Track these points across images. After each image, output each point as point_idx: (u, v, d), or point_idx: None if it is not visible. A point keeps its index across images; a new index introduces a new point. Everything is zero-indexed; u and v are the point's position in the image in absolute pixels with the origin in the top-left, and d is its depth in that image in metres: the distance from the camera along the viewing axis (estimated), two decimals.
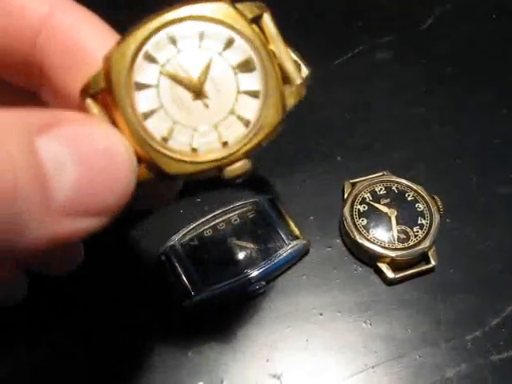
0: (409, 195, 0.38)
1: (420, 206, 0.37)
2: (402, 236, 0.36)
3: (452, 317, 0.35)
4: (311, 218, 0.39)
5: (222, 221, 0.37)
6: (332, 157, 0.42)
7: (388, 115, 0.44)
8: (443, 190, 0.40)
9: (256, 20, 0.20)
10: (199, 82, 0.19)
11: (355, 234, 0.36)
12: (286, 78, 0.20)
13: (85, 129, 0.18)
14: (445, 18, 0.50)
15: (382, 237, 0.36)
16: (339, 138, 0.42)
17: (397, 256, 0.35)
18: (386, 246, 0.36)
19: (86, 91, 0.20)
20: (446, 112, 0.44)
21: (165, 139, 0.19)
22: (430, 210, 0.37)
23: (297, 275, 0.37)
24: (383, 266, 0.36)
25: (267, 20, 0.20)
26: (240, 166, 0.20)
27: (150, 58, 0.19)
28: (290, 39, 0.35)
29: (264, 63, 0.19)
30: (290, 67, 0.20)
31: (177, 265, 0.35)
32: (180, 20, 0.19)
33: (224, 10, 0.19)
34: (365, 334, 0.34)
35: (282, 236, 0.36)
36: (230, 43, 0.19)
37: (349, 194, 0.38)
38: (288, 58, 0.20)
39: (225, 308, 0.35)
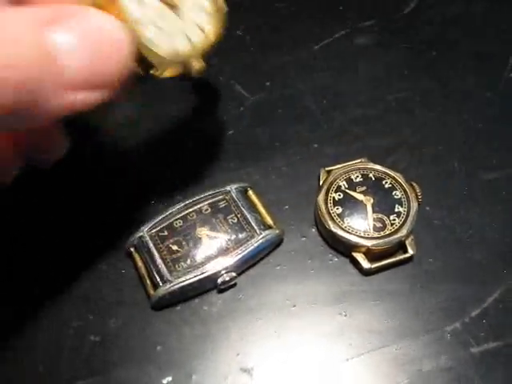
0: (386, 182, 0.36)
1: (397, 193, 0.36)
2: (378, 224, 0.35)
3: (431, 308, 0.34)
4: (286, 206, 0.37)
5: (193, 211, 0.35)
6: (309, 144, 0.40)
7: (369, 101, 0.43)
8: (424, 177, 0.38)
9: None
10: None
11: (329, 223, 0.35)
12: None
13: (90, 16, 0.21)
14: (428, 1, 0.48)
15: (357, 226, 0.35)
16: (317, 125, 0.41)
17: (372, 245, 0.34)
18: (362, 235, 0.34)
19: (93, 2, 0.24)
20: (429, 97, 0.43)
21: (150, 40, 0.26)
22: (407, 197, 0.36)
23: (270, 265, 0.35)
24: (359, 256, 0.34)
25: None
26: (199, 63, 0.28)
27: None
28: (270, 25, 0.34)
29: None
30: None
31: (145, 256, 0.34)
32: None
33: None
34: (340, 326, 0.33)
35: (254, 226, 0.35)
36: None
37: (324, 182, 0.36)
38: None
39: (195, 300, 0.34)
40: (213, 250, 0.34)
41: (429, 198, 0.37)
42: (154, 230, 0.35)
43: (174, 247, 0.34)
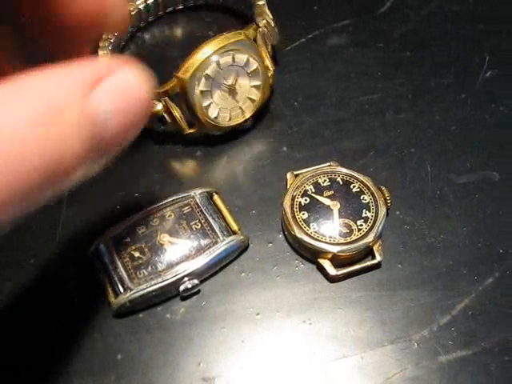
0: (354, 186, 0.35)
1: (365, 197, 0.35)
2: (345, 230, 0.34)
3: (398, 315, 0.33)
4: (253, 211, 0.37)
5: (156, 217, 0.35)
6: (278, 147, 0.39)
7: (341, 102, 0.42)
8: (395, 181, 0.38)
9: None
10: (232, 85, 0.37)
11: (295, 228, 0.34)
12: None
13: (126, 76, 0.22)
14: (404, 0, 0.47)
15: (323, 231, 0.34)
16: (287, 127, 0.40)
17: (339, 251, 0.33)
18: (328, 241, 0.33)
19: (165, 93, 0.36)
20: (403, 98, 0.42)
21: (215, 117, 0.38)
22: (375, 202, 0.35)
23: (235, 272, 0.35)
24: (325, 263, 0.34)
25: (260, 40, 0.39)
26: (250, 122, 0.40)
27: (208, 77, 0.36)
28: (240, 26, 0.39)
29: (262, 70, 0.38)
30: (270, 67, 0.39)
31: (107, 263, 0.33)
32: (223, 51, 0.36)
33: (242, 41, 0.37)
34: (304, 335, 0.33)
35: (217, 232, 0.34)
36: (247, 61, 0.37)
37: (290, 186, 0.36)
38: (269, 61, 0.39)
39: (157, 308, 0.33)
40: (175, 257, 0.33)
41: (399, 202, 0.36)
42: (116, 237, 0.34)
43: (136, 254, 0.33)
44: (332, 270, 0.33)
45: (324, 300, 0.34)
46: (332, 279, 0.34)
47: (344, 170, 0.36)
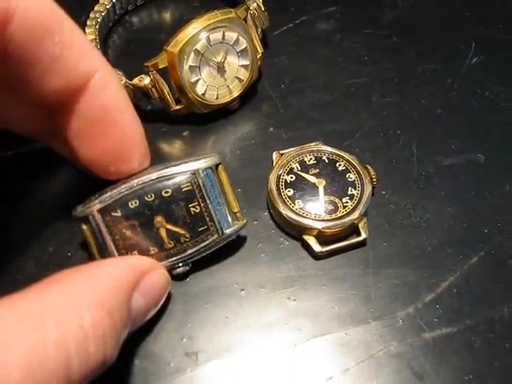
0: (340, 165, 0.35)
1: (351, 176, 0.35)
2: (330, 207, 0.34)
3: (383, 293, 0.33)
4: (239, 190, 0.36)
5: (151, 191, 0.30)
6: (265, 128, 0.39)
7: (327, 86, 0.42)
8: (381, 162, 0.38)
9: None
10: (221, 62, 0.37)
11: (280, 205, 0.34)
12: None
13: (155, 278, 0.28)
14: None
15: (308, 208, 0.34)
16: (274, 109, 0.40)
17: (324, 228, 0.33)
18: (313, 217, 0.33)
19: (153, 67, 0.36)
20: (389, 82, 0.42)
21: (203, 94, 0.38)
22: (361, 180, 0.35)
23: (220, 249, 0.34)
24: (310, 239, 0.33)
25: (250, 21, 0.39)
26: (236, 102, 0.40)
27: (197, 52, 0.36)
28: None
29: (252, 50, 0.38)
30: (259, 49, 0.40)
31: (97, 237, 0.30)
32: (213, 27, 0.36)
33: (233, 19, 0.37)
34: (288, 311, 0.32)
35: (215, 222, 0.31)
36: (237, 40, 0.37)
37: (276, 164, 0.35)
38: (258, 43, 0.40)
39: None
40: (169, 243, 0.31)
41: (385, 182, 0.36)
42: (107, 208, 0.30)
43: (128, 232, 0.30)
44: (317, 247, 0.33)
45: (309, 277, 0.33)
46: (317, 256, 0.33)
47: (330, 149, 0.36)
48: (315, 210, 0.34)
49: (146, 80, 0.37)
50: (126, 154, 0.29)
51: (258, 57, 0.39)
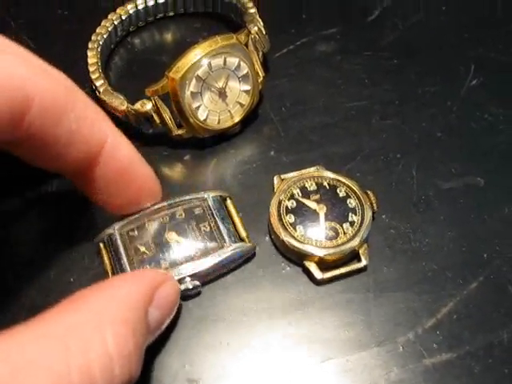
0: (340, 191, 0.36)
1: (352, 201, 0.35)
2: (331, 233, 0.34)
3: (384, 318, 0.33)
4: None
5: (166, 214, 0.34)
6: (266, 151, 0.40)
7: (327, 109, 0.42)
8: (381, 186, 0.38)
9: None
10: (222, 88, 0.37)
11: (281, 231, 0.34)
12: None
13: (167, 290, 0.29)
14: (393, 8, 0.48)
15: (309, 235, 0.34)
16: (274, 132, 0.41)
17: (325, 255, 0.33)
18: (314, 244, 0.34)
19: (155, 92, 0.37)
20: (389, 105, 0.42)
21: (204, 120, 0.38)
22: (362, 206, 0.35)
23: (220, 275, 0.34)
24: (311, 266, 0.34)
25: (251, 46, 0.39)
26: (238, 127, 0.40)
27: (199, 78, 0.36)
28: (231, 32, 0.39)
29: (253, 75, 0.38)
30: (260, 73, 0.40)
31: (113, 254, 0.34)
32: (215, 53, 0.36)
33: (234, 44, 0.37)
34: (289, 337, 0.33)
35: (225, 237, 0.34)
36: (238, 65, 0.37)
37: (277, 190, 0.36)
38: (259, 68, 0.40)
39: None
40: (179, 257, 0.33)
41: (385, 206, 0.37)
42: (124, 229, 0.34)
43: (142, 249, 0.33)
44: (318, 273, 0.33)
45: (310, 302, 0.34)
46: (318, 282, 0.34)
47: (330, 175, 0.36)
48: (316, 236, 0.34)
49: (147, 105, 0.37)
50: (142, 199, 0.33)
51: (259, 81, 0.39)
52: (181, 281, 0.32)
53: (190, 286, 0.33)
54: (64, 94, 0.27)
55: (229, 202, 0.36)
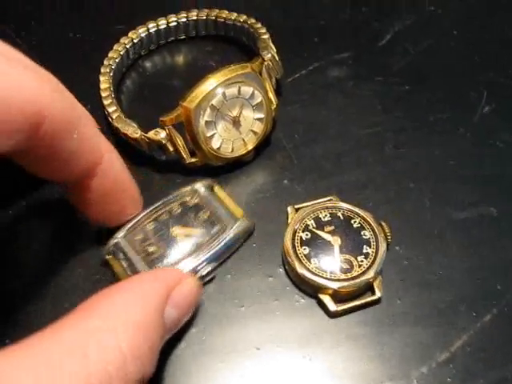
0: (355, 222, 0.36)
1: (366, 233, 0.35)
2: (346, 266, 0.34)
3: (397, 352, 0.33)
4: (254, 245, 0.37)
5: (163, 212, 0.36)
6: (279, 179, 0.40)
7: (340, 136, 0.42)
8: (394, 216, 0.38)
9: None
10: (236, 116, 0.37)
11: (296, 263, 0.34)
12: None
13: (186, 289, 0.29)
14: (404, 33, 0.48)
15: (324, 267, 0.34)
16: (287, 160, 0.41)
17: (339, 287, 0.33)
18: (328, 276, 0.34)
19: (170, 121, 0.37)
20: (402, 132, 0.42)
21: (218, 148, 0.38)
22: (376, 237, 0.35)
23: (235, 306, 0.35)
24: (325, 298, 0.34)
25: (264, 74, 0.39)
26: (251, 155, 0.40)
27: (213, 108, 0.36)
28: (241, 56, 0.44)
29: (266, 103, 0.38)
30: (273, 100, 0.40)
31: (123, 261, 0.34)
32: (229, 83, 0.36)
33: (249, 73, 0.37)
34: (303, 370, 0.32)
35: (224, 219, 0.35)
36: (252, 94, 0.37)
37: (291, 221, 0.36)
38: (273, 95, 0.40)
39: None
40: (188, 247, 0.34)
41: (398, 237, 0.37)
42: (128, 235, 0.35)
43: (151, 249, 0.34)
44: (332, 306, 0.33)
45: (324, 335, 0.34)
46: (332, 315, 0.34)
47: (345, 206, 0.36)
48: (331, 268, 0.34)
49: (161, 134, 0.37)
50: (128, 209, 0.35)
51: (273, 108, 0.39)
52: (196, 270, 0.33)
53: (206, 271, 0.34)
54: (71, 112, 0.27)
55: (216, 188, 0.38)
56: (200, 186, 0.37)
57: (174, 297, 0.28)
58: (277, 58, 0.40)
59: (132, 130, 0.38)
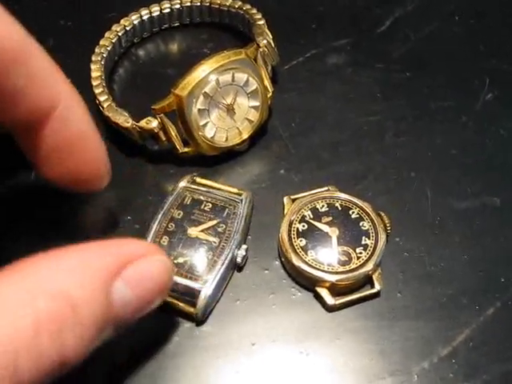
0: (353, 212, 0.35)
1: (365, 224, 0.34)
2: (344, 258, 0.33)
3: (398, 346, 0.32)
4: (249, 236, 0.36)
5: (168, 223, 0.34)
6: (275, 169, 0.39)
7: (339, 124, 0.41)
8: (394, 206, 0.37)
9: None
10: (231, 104, 0.36)
11: (292, 255, 0.33)
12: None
13: (146, 266, 0.24)
14: (405, 19, 0.47)
15: (321, 259, 0.33)
16: (284, 149, 0.39)
17: (337, 280, 0.32)
18: (326, 269, 0.32)
19: (161, 110, 0.35)
20: (402, 121, 0.41)
21: (212, 137, 0.36)
22: (375, 228, 0.34)
23: (230, 300, 0.34)
24: (323, 291, 0.33)
25: (260, 60, 0.38)
26: (246, 144, 0.39)
27: (206, 95, 0.35)
28: (236, 43, 0.41)
29: (262, 90, 0.37)
30: (269, 88, 0.39)
31: None
32: (223, 69, 0.35)
33: (243, 59, 0.36)
34: (301, 366, 0.31)
35: (228, 200, 0.35)
36: (247, 81, 0.36)
37: (287, 212, 0.35)
38: (268, 82, 0.39)
39: (148, 338, 0.32)
40: (214, 240, 0.33)
41: (398, 228, 0.36)
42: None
43: (180, 260, 0.33)
44: (330, 299, 0.32)
45: (322, 330, 0.33)
46: (330, 308, 0.33)
47: (343, 196, 0.35)
48: (328, 260, 0.33)
49: (153, 123, 0.36)
50: (87, 177, 0.31)
51: (269, 96, 0.38)
52: (234, 255, 0.33)
53: (244, 253, 0.33)
54: (17, 43, 0.24)
55: (198, 179, 0.36)
56: (185, 184, 0.36)
57: (130, 274, 0.23)
58: (272, 45, 0.39)
59: (123, 119, 0.37)
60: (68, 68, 0.42)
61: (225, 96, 0.36)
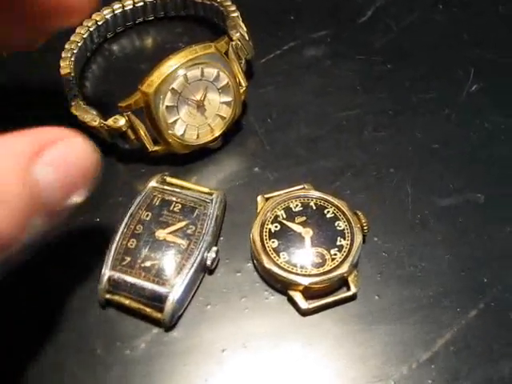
0: (328, 212, 0.33)
1: (340, 224, 0.33)
2: (318, 260, 0.32)
3: (375, 352, 0.31)
4: (221, 238, 0.34)
5: (136, 225, 0.33)
6: (250, 167, 0.37)
7: (316, 119, 0.39)
8: (373, 204, 0.35)
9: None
10: (200, 100, 0.35)
11: (263, 258, 0.31)
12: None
13: (66, 148, 0.23)
14: (386, 9, 0.45)
15: (294, 261, 0.32)
16: (259, 146, 0.38)
17: (310, 283, 0.31)
18: (299, 272, 0.31)
19: (128, 107, 0.34)
20: (383, 114, 0.40)
21: (182, 135, 0.35)
22: (351, 228, 0.32)
23: (199, 305, 0.32)
24: (296, 295, 0.31)
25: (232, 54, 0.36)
26: (219, 141, 0.37)
27: (174, 91, 0.34)
28: (212, 37, 0.38)
29: (234, 85, 0.36)
30: (242, 82, 0.37)
31: (125, 293, 0.32)
32: (191, 64, 0.33)
33: (212, 54, 0.34)
34: (273, 373, 0.30)
35: (198, 200, 0.34)
36: (217, 76, 0.35)
37: (259, 212, 0.33)
38: (242, 77, 0.37)
39: (116, 344, 0.31)
40: (183, 243, 0.32)
41: (377, 227, 0.34)
42: (116, 265, 0.32)
43: (148, 264, 0.32)
44: (303, 303, 0.31)
45: (295, 335, 0.31)
46: (303, 313, 0.31)
47: (317, 194, 0.34)
48: (301, 263, 0.32)
49: (120, 121, 0.34)
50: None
51: (242, 91, 0.37)
52: (203, 258, 0.32)
53: (213, 255, 0.32)
54: None
55: (168, 178, 0.35)
56: (153, 184, 0.35)
57: (50, 156, 0.23)
58: (246, 38, 0.38)
59: (90, 118, 0.35)
60: (38, 65, 0.41)
61: (194, 92, 0.34)
